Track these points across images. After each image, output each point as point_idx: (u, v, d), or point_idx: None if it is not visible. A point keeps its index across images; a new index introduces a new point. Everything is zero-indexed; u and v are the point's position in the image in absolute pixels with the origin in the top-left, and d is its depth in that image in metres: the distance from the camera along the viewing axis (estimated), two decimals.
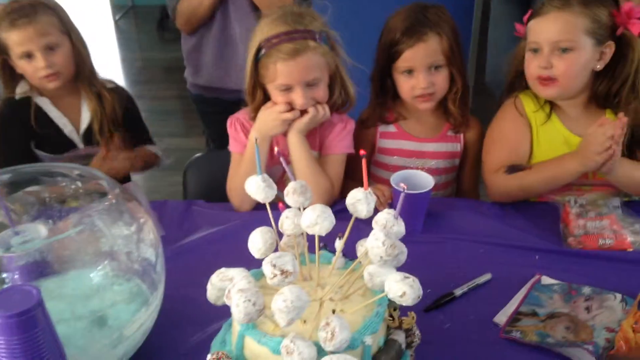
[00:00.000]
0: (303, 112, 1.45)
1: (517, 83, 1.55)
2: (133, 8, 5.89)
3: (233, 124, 1.55)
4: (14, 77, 1.63)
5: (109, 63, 4.54)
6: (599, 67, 1.43)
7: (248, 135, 1.51)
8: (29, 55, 1.56)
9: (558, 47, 1.40)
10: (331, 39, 1.46)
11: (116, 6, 5.75)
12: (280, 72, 1.39)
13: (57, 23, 1.58)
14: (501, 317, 1.14)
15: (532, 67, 1.45)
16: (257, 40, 1.42)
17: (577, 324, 1.11)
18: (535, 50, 1.44)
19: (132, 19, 5.81)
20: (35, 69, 1.57)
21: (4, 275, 0.88)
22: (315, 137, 1.54)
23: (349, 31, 1.51)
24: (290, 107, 1.44)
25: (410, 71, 1.53)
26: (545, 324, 1.12)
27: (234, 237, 1.30)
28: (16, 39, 1.54)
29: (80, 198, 1.09)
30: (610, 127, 1.32)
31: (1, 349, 0.73)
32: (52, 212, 1.10)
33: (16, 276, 0.89)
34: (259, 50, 1.41)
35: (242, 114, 1.56)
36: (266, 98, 1.49)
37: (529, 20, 1.46)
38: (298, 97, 1.42)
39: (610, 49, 1.41)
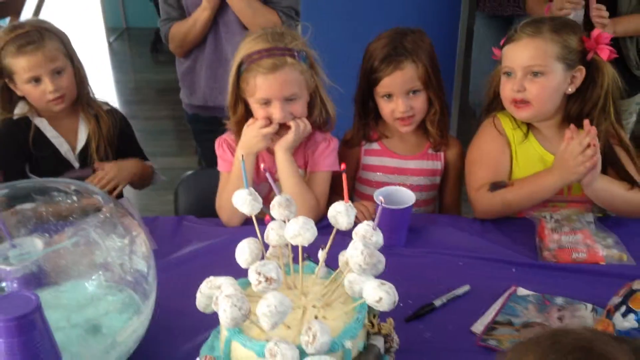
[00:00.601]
0: (283, 126, 1.51)
1: (495, 104, 1.62)
2: (127, 30, 5.98)
3: (221, 145, 1.62)
4: (12, 99, 1.68)
5: (103, 84, 4.61)
6: (571, 90, 1.50)
7: (234, 154, 1.57)
8: (36, 80, 1.61)
9: (530, 72, 1.47)
10: (310, 58, 1.53)
11: (110, 28, 5.84)
12: (260, 86, 1.45)
13: (62, 48, 1.65)
14: (478, 327, 1.20)
15: (507, 90, 1.52)
16: (240, 56, 1.49)
17: None
18: (509, 74, 1.51)
19: (125, 41, 5.90)
20: (42, 92, 1.62)
21: (3, 284, 0.93)
22: (301, 155, 1.60)
23: (333, 53, 1.58)
24: (269, 122, 1.50)
25: (389, 96, 1.60)
26: (520, 333, 1.17)
27: (222, 251, 1.34)
28: (25, 65, 1.59)
29: (76, 212, 1.14)
30: (584, 136, 1.38)
31: (1, 350, 0.78)
32: (48, 226, 1.15)
33: (15, 285, 0.93)
34: (240, 65, 1.49)
35: (229, 135, 1.62)
36: (248, 113, 1.54)
37: (503, 45, 1.54)
38: (276, 111, 1.47)
39: (580, 73, 1.48)
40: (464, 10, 3.04)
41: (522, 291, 1.29)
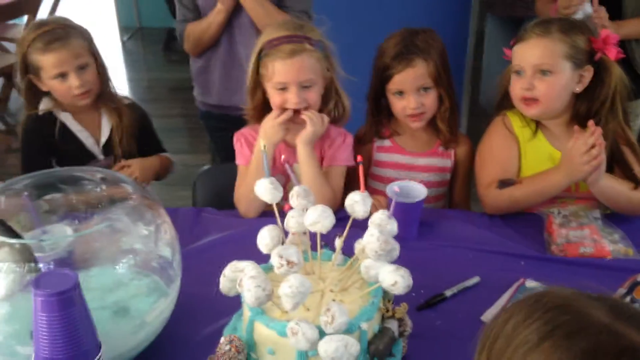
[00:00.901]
0: (298, 117, 1.56)
1: (505, 103, 1.66)
2: (140, 30, 6.04)
3: (239, 139, 1.67)
4: (37, 95, 1.74)
5: (116, 82, 4.67)
6: (578, 89, 1.54)
7: (251, 148, 1.63)
8: (62, 75, 1.67)
9: (539, 70, 1.51)
10: (327, 49, 1.59)
11: (124, 28, 5.90)
12: (278, 70, 1.51)
13: (86, 44, 1.71)
14: (488, 316, 1.24)
15: (516, 89, 1.56)
16: (261, 42, 1.56)
17: None
18: (519, 73, 1.55)
19: (139, 40, 5.96)
20: (68, 88, 1.68)
21: (40, 265, 0.99)
22: (317, 149, 1.64)
23: (344, 53, 1.63)
24: (283, 112, 1.55)
25: (401, 93, 1.65)
26: None
27: (241, 240, 1.39)
28: (52, 61, 1.65)
29: (104, 201, 1.20)
30: (589, 136, 1.43)
31: (42, 324, 0.83)
32: (78, 213, 1.21)
33: (51, 267, 0.99)
34: (260, 51, 1.55)
35: (247, 130, 1.68)
36: (265, 102, 1.61)
37: (514, 45, 1.58)
38: (292, 96, 1.53)
39: (588, 72, 1.52)
40: (474, 12, 3.08)
41: (530, 283, 1.33)
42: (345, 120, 1.69)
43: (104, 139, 1.79)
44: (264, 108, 1.62)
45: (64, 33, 1.66)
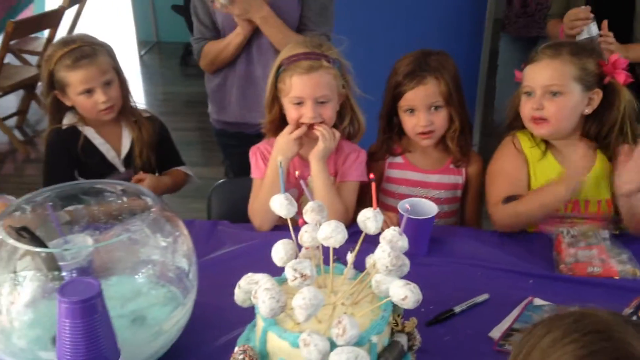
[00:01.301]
0: (311, 128, 1.60)
1: (516, 123, 1.69)
2: (158, 44, 6.15)
3: (254, 153, 1.72)
4: (61, 110, 1.81)
5: (133, 95, 4.76)
6: (587, 111, 1.57)
7: (266, 163, 1.67)
8: (88, 92, 1.73)
9: (549, 91, 1.55)
10: (343, 67, 1.64)
11: (142, 42, 6.02)
12: (295, 85, 1.57)
13: (111, 61, 1.78)
14: (496, 333, 1.26)
15: (526, 109, 1.59)
16: (280, 58, 1.62)
17: None
18: (529, 94, 1.59)
19: (156, 55, 6.06)
20: (94, 103, 1.74)
21: (64, 273, 1.03)
22: (331, 165, 1.68)
23: (358, 73, 1.68)
24: (297, 127, 1.60)
25: (412, 110, 1.69)
26: None
27: (255, 253, 1.43)
28: (80, 78, 1.71)
29: (124, 212, 1.24)
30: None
31: (65, 330, 0.87)
32: (99, 224, 1.25)
33: (74, 275, 1.03)
34: (279, 67, 1.61)
35: (262, 144, 1.73)
36: (282, 116, 1.66)
37: (525, 66, 1.62)
38: (308, 110, 1.58)
39: (597, 95, 1.55)
40: (487, 31, 3.12)
41: (538, 301, 1.35)
42: (360, 136, 1.73)
43: (124, 151, 1.85)
44: (280, 122, 1.67)
45: (91, 50, 1.73)
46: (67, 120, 1.81)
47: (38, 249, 1.02)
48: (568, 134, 1.61)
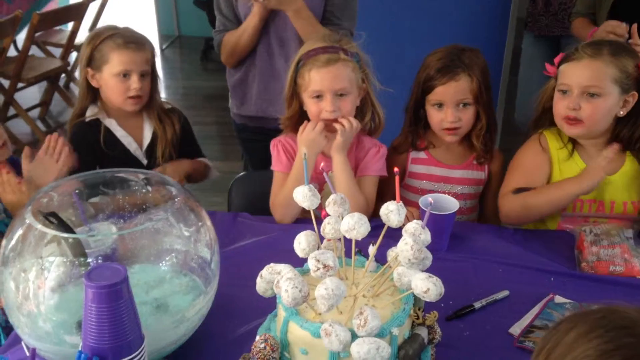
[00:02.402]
0: (331, 128, 1.60)
1: (543, 119, 1.66)
2: (179, 38, 6.19)
3: (275, 146, 1.72)
4: (90, 93, 1.83)
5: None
6: (622, 113, 1.54)
7: (288, 155, 1.69)
8: (125, 75, 1.76)
9: (587, 92, 1.51)
10: (362, 61, 1.64)
11: (163, 36, 6.06)
12: (314, 78, 1.58)
13: (151, 57, 1.82)
14: (516, 329, 1.26)
15: (561, 107, 1.56)
16: (299, 54, 1.63)
17: None
18: (565, 92, 1.55)
19: (177, 49, 6.11)
20: (127, 88, 1.76)
21: (90, 259, 1.04)
22: (351, 159, 1.68)
23: (382, 69, 1.67)
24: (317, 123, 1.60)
25: (440, 105, 1.68)
26: None
27: (276, 245, 1.45)
28: (124, 59, 1.75)
29: (149, 202, 1.25)
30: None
31: (91, 315, 0.89)
32: (123, 213, 1.27)
33: (100, 261, 1.04)
34: (298, 62, 1.62)
35: (283, 137, 1.73)
36: (301, 113, 1.67)
37: (561, 62, 1.58)
38: (327, 104, 1.58)
39: (633, 98, 1.52)
40: (511, 30, 3.10)
41: (559, 299, 1.34)
42: (380, 131, 1.73)
43: (146, 143, 1.87)
44: (299, 118, 1.67)
45: (142, 38, 1.80)
46: (90, 112, 1.83)
47: (66, 235, 1.04)
48: (599, 135, 1.58)
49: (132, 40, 1.76)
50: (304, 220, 1.62)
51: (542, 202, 1.56)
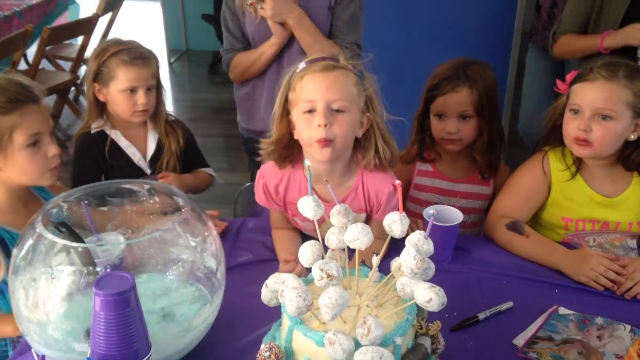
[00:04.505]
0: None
1: (552, 137, 1.64)
2: (187, 52, 6.27)
3: (258, 181, 1.53)
4: (98, 107, 1.87)
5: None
6: (633, 137, 1.52)
7: (276, 200, 1.52)
8: (132, 90, 1.79)
9: (599, 114, 1.49)
10: (368, 82, 1.42)
11: (172, 50, 6.14)
12: (306, 86, 1.34)
13: (156, 70, 1.86)
14: (519, 340, 1.27)
15: (571, 128, 1.54)
16: (292, 70, 1.41)
17: (589, 350, 1.23)
18: (576, 111, 1.53)
19: (185, 62, 6.18)
20: (134, 103, 1.80)
21: (98, 268, 1.06)
22: (360, 198, 1.48)
23: (396, 76, 1.67)
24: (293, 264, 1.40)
25: (441, 115, 1.70)
26: (559, 348, 1.24)
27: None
28: (131, 75, 1.78)
29: (156, 212, 1.27)
30: (616, 268, 1.42)
31: (100, 323, 0.90)
32: (131, 223, 1.29)
33: (108, 270, 1.06)
34: (291, 76, 1.40)
35: (266, 172, 1.53)
36: (290, 137, 1.44)
37: (573, 81, 1.56)
38: (320, 117, 1.32)
39: None
40: (516, 42, 3.12)
41: (563, 310, 1.35)
42: (393, 165, 1.48)
43: (150, 153, 1.90)
44: (287, 145, 1.45)
45: (147, 53, 1.83)
46: (95, 124, 1.87)
47: (75, 244, 1.06)
48: (606, 157, 1.57)
49: (137, 57, 1.79)
50: (306, 237, 1.60)
51: (524, 253, 1.55)
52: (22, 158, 1.37)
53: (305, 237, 1.57)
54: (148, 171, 1.90)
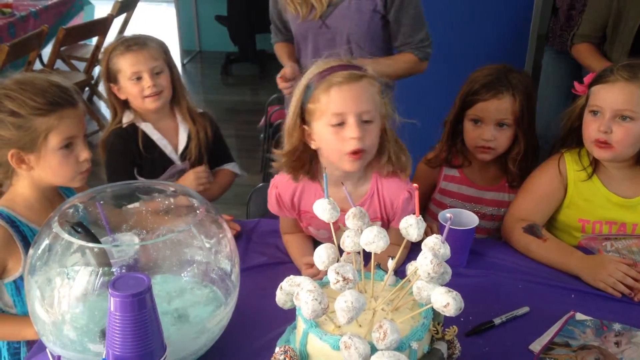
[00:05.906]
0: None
1: (570, 139, 1.63)
2: (200, 53, 6.29)
3: (272, 191, 1.51)
4: (119, 103, 1.88)
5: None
6: None
7: (289, 210, 1.51)
8: (137, 77, 1.80)
9: (620, 115, 1.47)
10: (387, 91, 1.41)
11: (185, 51, 6.16)
12: (334, 99, 1.30)
13: (162, 54, 1.87)
14: (536, 346, 1.25)
15: (591, 130, 1.52)
16: (307, 78, 1.36)
17: (607, 356, 1.21)
18: (596, 113, 1.51)
19: (198, 63, 6.20)
20: (141, 89, 1.81)
21: (113, 269, 1.06)
22: (376, 205, 1.46)
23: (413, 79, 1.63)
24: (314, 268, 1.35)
25: (478, 121, 1.67)
26: (577, 354, 1.22)
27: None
28: (129, 62, 1.80)
29: (172, 212, 1.27)
30: (634, 271, 1.41)
31: (116, 324, 0.90)
32: (146, 224, 1.29)
33: (123, 271, 1.06)
34: (307, 87, 1.35)
35: (279, 182, 1.49)
36: (304, 147, 1.40)
37: (592, 83, 1.55)
38: (353, 129, 1.29)
39: None
40: (532, 45, 3.10)
41: (580, 316, 1.33)
42: (408, 172, 1.47)
43: (181, 145, 1.92)
44: (301, 155, 1.42)
45: (143, 39, 1.84)
46: (126, 118, 1.89)
47: (91, 244, 1.06)
48: (624, 159, 1.55)
49: (134, 43, 1.81)
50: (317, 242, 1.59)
51: (541, 257, 1.54)
52: (54, 160, 1.38)
53: (316, 243, 1.56)
54: (179, 163, 1.91)
